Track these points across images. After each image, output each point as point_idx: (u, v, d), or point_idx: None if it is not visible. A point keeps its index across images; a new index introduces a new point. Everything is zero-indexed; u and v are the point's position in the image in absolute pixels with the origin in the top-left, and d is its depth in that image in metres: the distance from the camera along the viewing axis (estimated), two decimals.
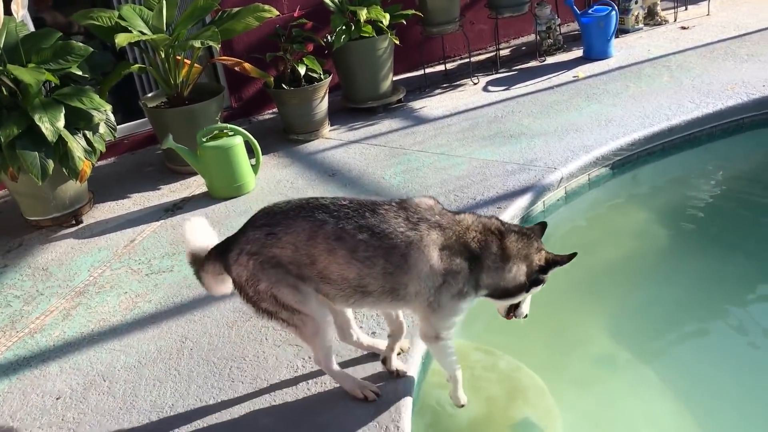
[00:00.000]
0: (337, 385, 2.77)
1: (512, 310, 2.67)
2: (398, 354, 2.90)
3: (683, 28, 6.97)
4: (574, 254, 2.52)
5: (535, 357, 3.17)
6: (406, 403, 2.67)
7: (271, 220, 2.50)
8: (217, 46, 4.66)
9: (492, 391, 3.01)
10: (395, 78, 6.30)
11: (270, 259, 2.45)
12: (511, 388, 3.00)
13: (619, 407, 3.04)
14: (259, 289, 2.48)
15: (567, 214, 4.35)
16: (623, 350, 3.38)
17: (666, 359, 3.28)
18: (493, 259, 2.46)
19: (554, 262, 2.53)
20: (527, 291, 2.56)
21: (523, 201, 4.08)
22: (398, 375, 2.81)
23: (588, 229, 4.32)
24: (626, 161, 4.65)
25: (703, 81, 5.41)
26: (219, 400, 2.83)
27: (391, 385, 2.76)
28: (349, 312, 2.82)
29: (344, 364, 2.87)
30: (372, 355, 2.93)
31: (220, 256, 2.56)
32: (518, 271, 2.49)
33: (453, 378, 2.70)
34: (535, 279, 2.53)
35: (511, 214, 3.98)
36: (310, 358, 2.98)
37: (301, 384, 2.86)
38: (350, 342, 2.90)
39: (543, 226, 2.69)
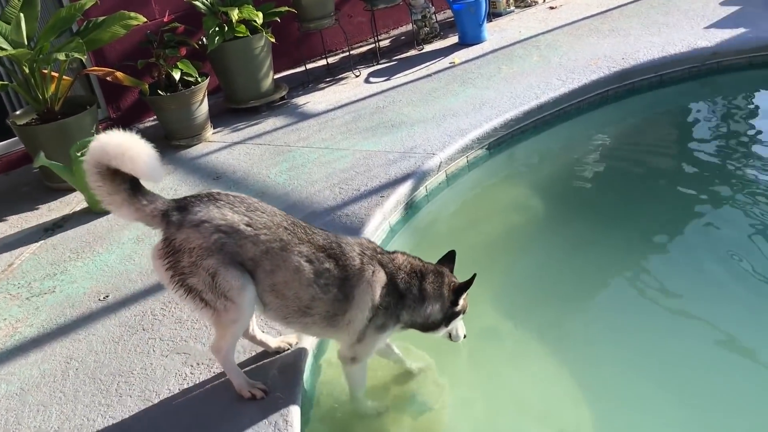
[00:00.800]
0: (227, 386, 2.78)
1: (449, 335, 2.91)
2: (286, 349, 2.97)
3: (551, 8, 7.29)
4: (474, 276, 2.75)
5: (423, 337, 3.26)
6: (295, 398, 2.72)
7: (252, 214, 2.51)
8: (83, 58, 4.52)
9: (382, 373, 3.10)
10: (277, 76, 6.32)
11: (236, 246, 2.45)
12: (401, 368, 3.09)
13: (504, 377, 3.17)
14: (202, 264, 2.43)
15: (449, 196, 4.49)
16: (507, 322, 3.52)
17: (547, 327, 3.42)
18: (413, 299, 2.69)
19: (459, 290, 2.76)
20: (446, 326, 2.81)
21: (404, 188, 4.19)
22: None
23: (470, 209, 4.47)
24: (501, 141, 4.85)
25: (570, 58, 5.69)
26: (107, 417, 2.78)
27: (281, 382, 2.80)
28: None
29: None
30: (257, 357, 2.97)
31: (165, 211, 2.45)
32: (433, 310, 2.73)
33: (355, 400, 2.86)
34: (450, 314, 2.78)
35: (394, 201, 4.09)
36: (198, 364, 2.99)
37: (191, 391, 2.86)
38: (245, 334, 2.92)
39: (452, 255, 2.90)
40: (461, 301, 2.79)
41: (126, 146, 2.34)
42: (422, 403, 2.99)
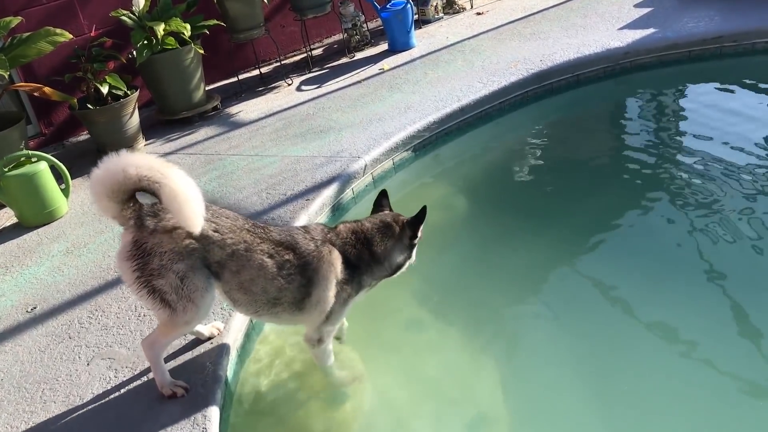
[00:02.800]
0: (150, 386, 2.87)
1: None
2: (217, 335, 3.16)
3: (478, 13, 7.53)
4: (425, 207, 2.94)
5: (350, 332, 3.38)
6: (215, 394, 2.82)
7: (218, 220, 2.63)
8: (5, 74, 4.55)
9: (306, 370, 3.22)
10: (211, 86, 6.41)
11: (205, 250, 2.57)
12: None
13: (425, 363, 3.31)
14: (173, 267, 2.53)
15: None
16: (429, 313, 3.67)
17: (468, 317, 3.58)
18: (367, 263, 2.86)
19: (416, 224, 2.96)
20: (410, 257, 3.03)
21: (330, 191, 4.32)
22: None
23: (396, 209, 4.49)
24: (426, 143, 5.02)
25: (492, 61, 5.91)
26: (30, 423, 2.84)
27: (200, 379, 2.90)
28: None
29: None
30: (179, 351, 3.08)
31: (140, 215, 2.53)
32: (393, 259, 2.93)
33: (330, 375, 3.04)
34: (411, 246, 3.00)
35: (319, 203, 4.22)
36: (123, 368, 3.07)
37: (114, 393, 2.94)
38: None
39: (384, 192, 3.15)
40: (420, 233, 2.99)
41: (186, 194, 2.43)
42: (342, 393, 3.11)
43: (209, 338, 3.14)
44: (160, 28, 5.21)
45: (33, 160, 4.55)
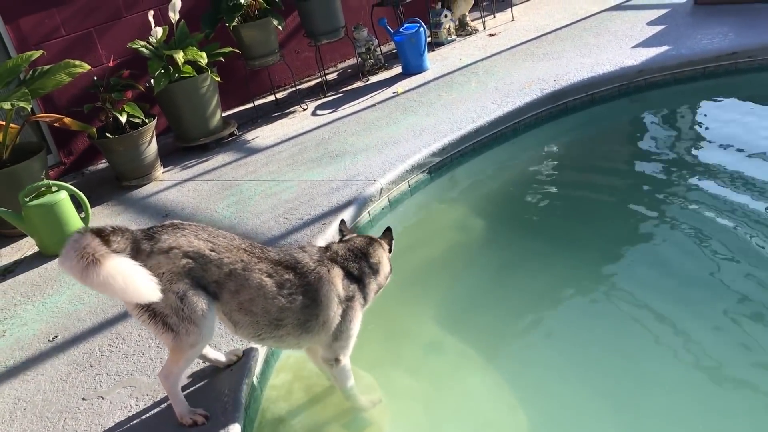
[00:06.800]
0: (172, 414, 2.88)
1: None
2: (234, 363, 3.16)
3: (491, 35, 7.57)
4: (389, 228, 3.15)
5: (369, 356, 3.39)
6: (235, 421, 2.82)
7: (214, 240, 2.66)
8: (27, 107, 4.63)
9: (325, 395, 3.21)
10: (227, 113, 6.48)
11: (202, 270, 2.59)
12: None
13: (445, 386, 3.30)
14: (171, 287, 2.54)
15: (392, 220, 4.64)
16: (448, 337, 3.65)
17: (487, 340, 3.55)
18: (368, 275, 2.92)
19: (390, 240, 3.13)
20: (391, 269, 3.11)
21: (346, 214, 4.33)
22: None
23: (413, 231, 4.62)
24: (441, 165, 5.03)
25: (505, 82, 5.93)
26: None
27: (220, 407, 2.90)
28: None
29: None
30: (199, 378, 3.08)
31: (134, 240, 2.55)
32: (387, 268, 3.03)
33: (350, 398, 3.03)
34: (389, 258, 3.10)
35: (336, 227, 4.21)
36: (144, 396, 3.09)
37: (135, 421, 2.95)
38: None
39: (342, 222, 3.25)
40: (392, 247, 3.14)
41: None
42: (362, 419, 3.10)
43: (228, 365, 3.15)
44: (180, 56, 5.29)
45: (53, 189, 4.62)
